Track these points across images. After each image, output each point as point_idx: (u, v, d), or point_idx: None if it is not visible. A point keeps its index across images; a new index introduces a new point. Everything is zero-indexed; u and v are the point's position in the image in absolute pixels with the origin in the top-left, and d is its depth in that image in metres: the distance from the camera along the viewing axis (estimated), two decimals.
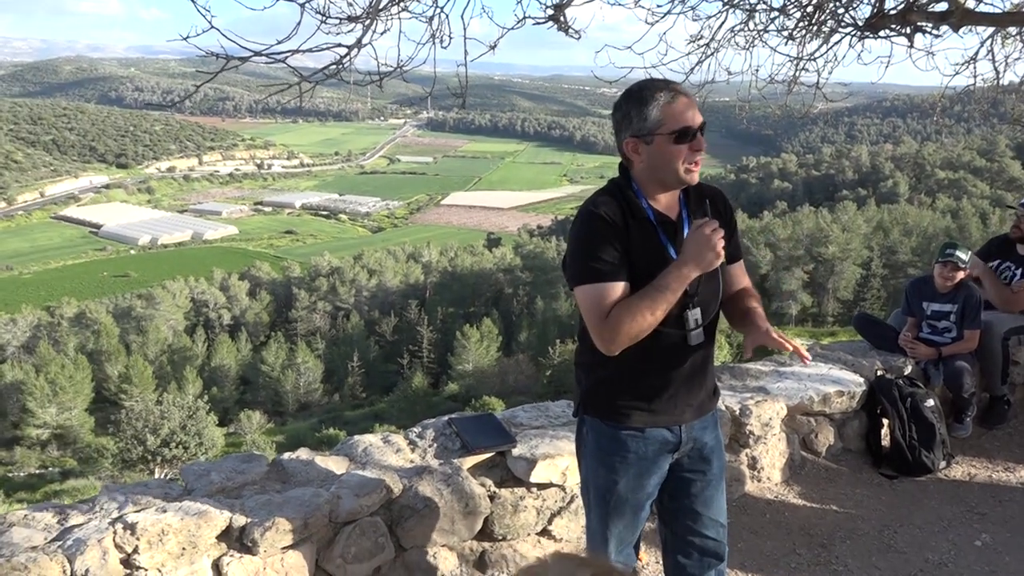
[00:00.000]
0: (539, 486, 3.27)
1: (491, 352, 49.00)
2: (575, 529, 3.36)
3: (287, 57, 3.44)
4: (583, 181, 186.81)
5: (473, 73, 15.15)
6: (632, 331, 2.00)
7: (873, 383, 4.50)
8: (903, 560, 3.44)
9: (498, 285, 69.14)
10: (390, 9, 3.69)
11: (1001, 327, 4.84)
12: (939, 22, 4.38)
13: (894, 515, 3.84)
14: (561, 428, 3.52)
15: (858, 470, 4.33)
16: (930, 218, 66.16)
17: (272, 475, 3.09)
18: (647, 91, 2.06)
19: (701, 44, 5.15)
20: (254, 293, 69.81)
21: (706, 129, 2.07)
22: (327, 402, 50.01)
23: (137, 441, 25.78)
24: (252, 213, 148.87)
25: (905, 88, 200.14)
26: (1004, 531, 3.71)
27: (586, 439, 2.31)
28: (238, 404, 47.72)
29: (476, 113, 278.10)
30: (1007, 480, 4.28)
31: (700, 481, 2.31)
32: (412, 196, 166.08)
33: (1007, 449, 4.67)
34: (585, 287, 2.06)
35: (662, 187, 2.12)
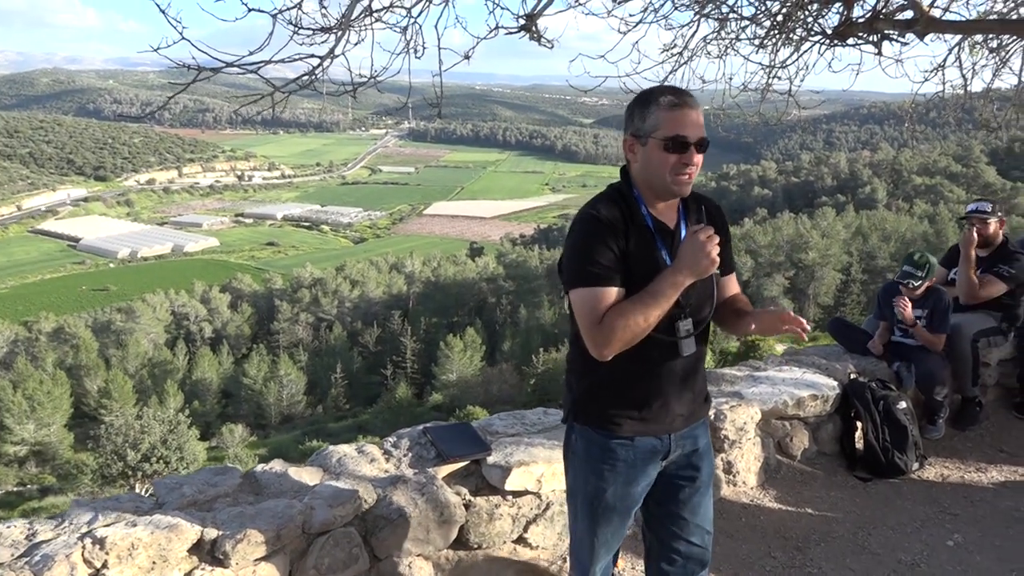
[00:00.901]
0: (514, 494, 3.27)
1: (475, 362, 48.93)
2: (551, 536, 3.37)
3: (260, 68, 3.44)
4: (565, 190, 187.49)
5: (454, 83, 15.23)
6: (625, 336, 1.99)
7: (846, 386, 4.54)
8: (876, 561, 3.47)
9: (481, 294, 69.12)
10: (363, 20, 3.70)
11: (970, 329, 4.91)
12: (905, 30, 4.45)
13: (868, 517, 3.88)
14: (536, 435, 3.53)
15: (832, 473, 4.37)
16: (908, 223, 66.92)
17: (245, 487, 3.07)
18: (654, 94, 2.06)
19: (674, 53, 5.20)
20: (235, 305, 69.32)
21: (706, 147, 2.04)
22: (310, 414, 49.70)
23: (117, 456, 25.46)
24: (233, 225, 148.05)
25: (881, 95, 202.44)
26: (975, 531, 3.75)
27: (575, 447, 2.30)
28: (220, 418, 47.30)
29: (457, 123, 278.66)
30: (978, 480, 4.33)
31: (688, 487, 2.31)
32: (394, 206, 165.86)
33: (979, 450, 4.73)
34: (580, 290, 2.05)
35: (655, 193, 2.11)
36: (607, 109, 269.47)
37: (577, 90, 4.63)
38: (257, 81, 3.72)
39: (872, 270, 59.00)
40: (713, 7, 5.06)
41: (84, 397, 44.41)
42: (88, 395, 44.43)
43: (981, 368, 5.10)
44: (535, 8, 4.05)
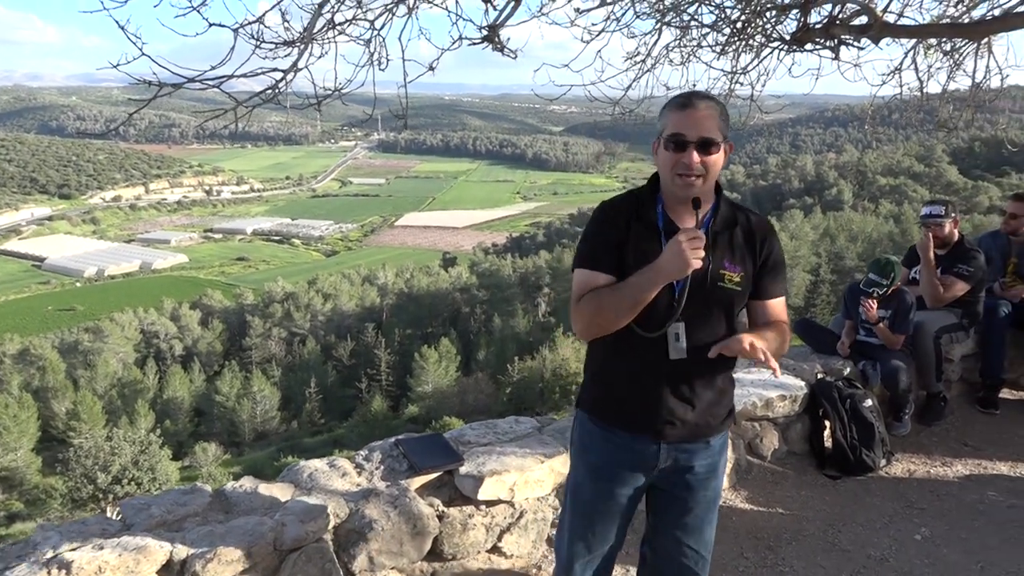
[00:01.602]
0: (487, 503, 3.27)
1: (450, 372, 48.81)
2: (525, 545, 3.37)
3: (222, 82, 3.43)
4: (537, 198, 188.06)
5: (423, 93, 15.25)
6: (596, 319, 2.07)
7: (814, 386, 4.61)
8: (846, 558, 3.51)
9: (455, 304, 69.00)
10: (326, 33, 3.70)
11: (933, 326, 5.01)
12: (860, 35, 4.55)
13: (838, 514, 3.93)
14: (509, 444, 3.53)
15: (803, 472, 4.42)
16: (874, 223, 68.07)
17: (215, 506, 3.04)
18: (676, 97, 2.11)
19: (638, 61, 5.27)
20: (206, 322, 68.45)
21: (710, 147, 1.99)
22: (285, 430, 49.19)
23: (87, 479, 25.01)
24: (202, 240, 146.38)
25: (845, 99, 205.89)
26: (942, 524, 3.82)
27: (573, 435, 2.39)
28: (193, 436, 46.65)
29: (427, 133, 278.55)
30: (944, 475, 4.41)
31: (682, 507, 2.27)
32: (365, 218, 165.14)
33: (944, 444, 4.82)
34: (577, 271, 2.15)
35: (671, 195, 2.11)
36: (576, 117, 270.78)
37: (543, 99, 4.68)
38: (223, 96, 3.71)
39: (840, 270, 59.87)
40: (674, 15, 5.13)
41: (52, 420, 43.53)
42: (56, 418, 43.56)
43: (944, 364, 5.21)
44: (497, 19, 4.08)
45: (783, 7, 4.87)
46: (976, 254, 5.09)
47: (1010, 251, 5.60)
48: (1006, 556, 3.52)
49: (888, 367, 4.73)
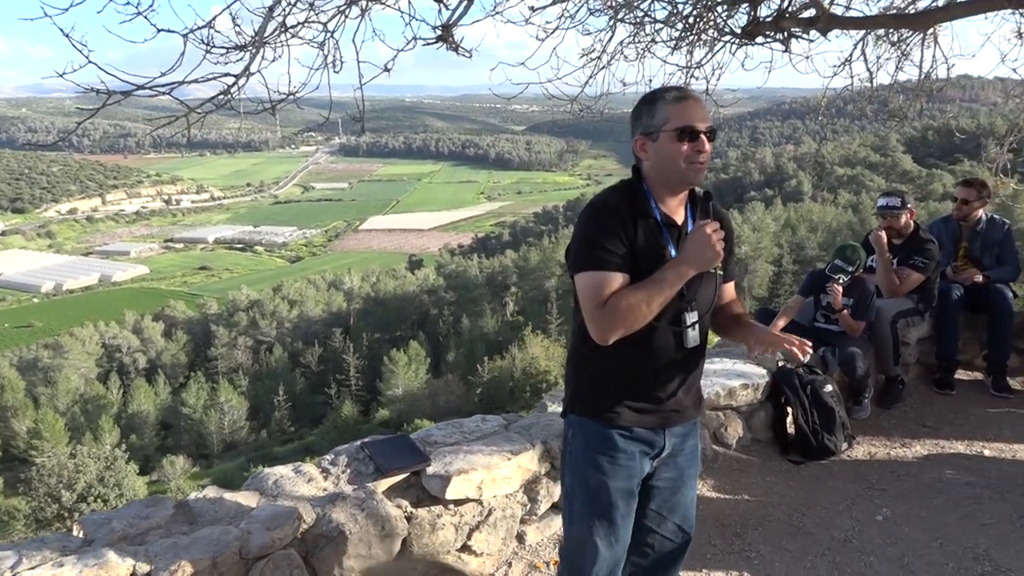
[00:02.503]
0: (456, 502, 3.27)
1: (420, 375, 48.68)
2: (495, 542, 3.37)
3: (173, 89, 3.38)
4: (501, 198, 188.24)
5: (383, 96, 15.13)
6: (627, 321, 2.01)
7: (775, 374, 4.68)
8: (811, 540, 3.58)
9: (423, 307, 68.80)
10: (278, 37, 3.66)
11: (889, 312, 5.12)
12: (808, 27, 4.64)
13: (802, 498, 4.00)
14: (475, 443, 3.54)
15: (767, 459, 4.49)
16: (833, 214, 69.32)
17: (179, 517, 2.99)
18: (659, 92, 2.12)
19: (593, 57, 5.30)
20: (170, 333, 67.42)
21: (715, 135, 2.09)
22: (254, 440, 48.68)
23: (51, 499, 24.45)
24: (163, 251, 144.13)
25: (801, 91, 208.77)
26: (902, 504, 3.91)
27: (572, 441, 2.28)
28: (160, 450, 45.96)
29: (389, 136, 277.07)
30: (904, 455, 4.51)
31: (672, 490, 2.32)
32: (329, 223, 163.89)
33: (903, 426, 4.93)
34: (586, 274, 2.06)
35: (668, 186, 2.13)
36: (538, 116, 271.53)
37: (500, 98, 4.69)
38: (177, 103, 3.65)
39: (802, 260, 60.85)
40: (627, 11, 5.18)
41: (12, 439, 42.60)
42: (17, 437, 42.61)
43: (901, 348, 5.33)
44: (450, 19, 4.07)
45: (733, 1, 4.94)
46: (931, 245, 5.21)
47: (960, 236, 5.75)
48: (963, 532, 3.62)
49: (846, 353, 4.82)
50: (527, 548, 3.51)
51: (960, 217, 5.70)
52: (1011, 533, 3.60)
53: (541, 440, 3.59)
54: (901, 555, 3.44)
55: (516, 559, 3.45)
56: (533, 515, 3.57)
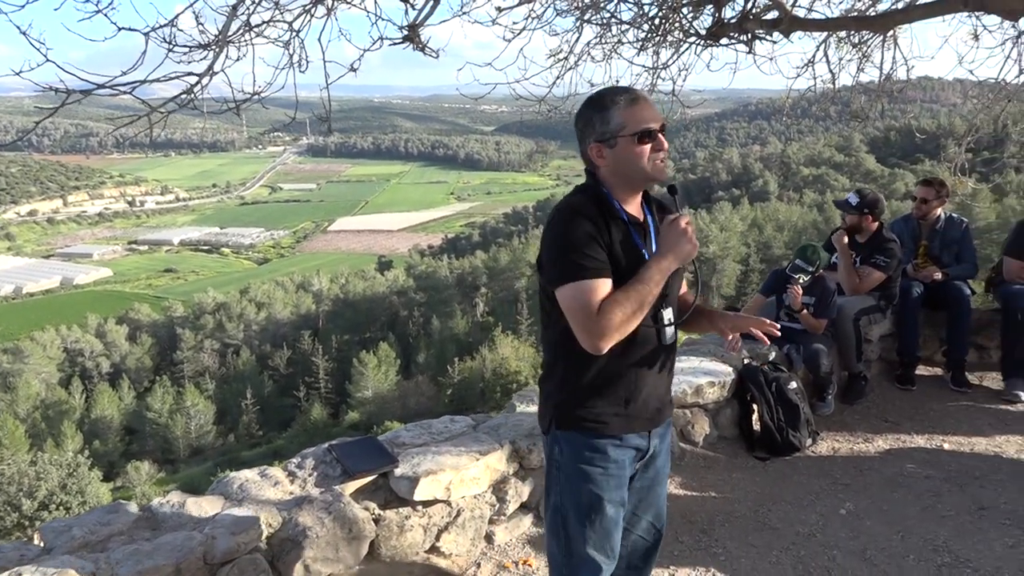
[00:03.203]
0: (424, 503, 3.26)
1: (390, 376, 48.45)
2: (463, 543, 3.37)
3: (135, 88, 3.32)
4: (470, 198, 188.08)
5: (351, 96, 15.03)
6: (623, 326, 1.99)
7: (741, 371, 4.74)
8: (776, 535, 3.63)
9: (393, 308, 68.48)
10: (242, 36, 3.62)
11: (852, 309, 5.21)
12: (771, 29, 4.70)
13: (767, 494, 4.05)
14: (444, 444, 3.53)
15: (734, 455, 4.54)
16: (799, 213, 70.36)
17: (141, 523, 2.95)
18: (607, 97, 2.09)
19: (561, 58, 5.32)
20: (134, 337, 66.33)
21: (667, 130, 2.12)
22: (221, 444, 48.07)
23: (11, 507, 23.88)
24: (127, 253, 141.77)
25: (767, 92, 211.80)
26: (865, 498, 3.98)
27: (559, 458, 2.21)
28: (124, 456, 45.21)
29: (358, 136, 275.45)
30: (866, 451, 4.59)
31: (648, 487, 2.32)
32: (297, 224, 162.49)
33: (866, 422, 5.01)
34: (572, 285, 2.00)
35: (630, 188, 2.13)
36: (507, 116, 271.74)
37: (469, 99, 4.68)
38: (140, 102, 3.59)
39: (769, 259, 61.67)
40: (593, 12, 5.21)
41: None
42: None
43: (864, 345, 5.42)
44: (417, 19, 4.06)
45: (698, 3, 4.99)
46: (893, 244, 5.31)
47: (920, 234, 5.87)
48: (923, 524, 3.69)
49: (810, 350, 4.90)
50: (496, 548, 3.51)
51: (920, 216, 5.82)
52: (969, 525, 3.68)
53: (510, 440, 3.59)
54: (864, 548, 3.50)
55: (485, 559, 3.45)
56: (502, 515, 3.57)
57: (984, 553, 3.43)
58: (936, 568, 3.33)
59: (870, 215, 5.31)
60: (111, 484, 34.83)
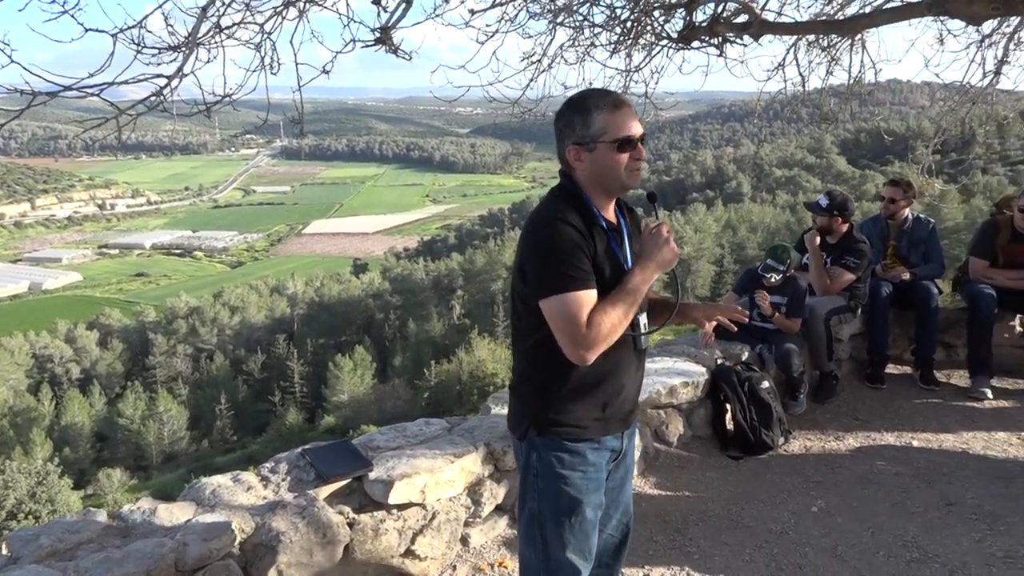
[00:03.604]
0: (399, 507, 3.25)
1: (366, 380, 48.22)
2: (439, 546, 3.36)
3: (103, 90, 3.28)
4: (446, 200, 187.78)
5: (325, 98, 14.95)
6: (611, 336, 1.99)
7: (714, 371, 4.78)
8: (750, 534, 3.66)
9: (368, 311, 68.15)
10: (212, 37, 3.59)
11: (823, 309, 5.28)
12: (742, 32, 4.76)
13: (741, 493, 4.09)
14: (419, 447, 3.52)
15: (707, 455, 4.58)
16: (772, 214, 71.13)
17: (111, 531, 2.91)
18: (590, 100, 2.08)
19: (534, 61, 5.33)
20: (105, 342, 65.33)
21: (647, 139, 2.12)
22: (195, 450, 47.55)
23: None
24: (97, 257, 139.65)
25: (740, 94, 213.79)
26: (836, 495, 4.03)
27: (537, 464, 2.19)
28: (96, 463, 44.53)
29: (332, 139, 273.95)
30: (838, 448, 4.65)
31: (619, 486, 2.35)
32: (271, 227, 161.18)
33: (837, 420, 5.08)
34: (559, 297, 1.98)
35: (605, 194, 2.13)
36: (482, 118, 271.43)
37: (442, 100, 4.68)
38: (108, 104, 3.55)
39: (743, 260, 62.26)
40: (566, 15, 5.23)
41: None
42: None
43: (835, 344, 5.50)
44: (389, 21, 4.05)
45: (669, 6, 5.04)
46: (863, 245, 5.39)
47: (889, 234, 5.96)
48: (893, 520, 3.75)
49: (782, 350, 4.95)
50: (471, 551, 3.51)
51: (888, 216, 5.90)
52: (937, 520, 3.74)
53: (484, 442, 3.59)
54: (835, 545, 3.54)
55: (460, 562, 3.44)
56: (477, 517, 3.57)
57: (952, 548, 3.49)
58: (905, 563, 3.38)
59: (840, 216, 5.38)
60: (82, 492, 34.36)
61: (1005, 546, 3.50)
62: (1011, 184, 58.35)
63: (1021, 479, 4.17)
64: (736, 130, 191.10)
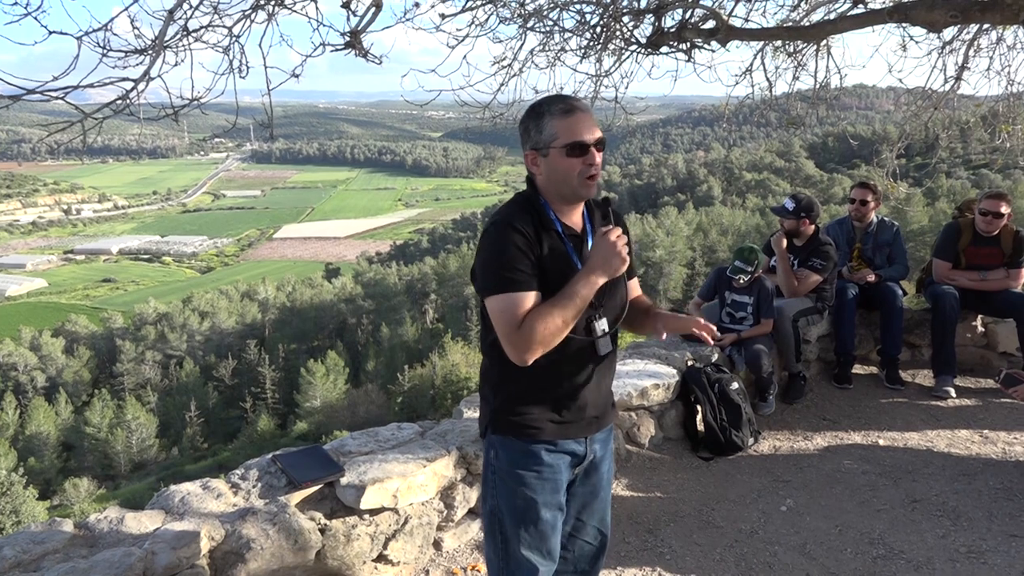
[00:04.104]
0: (371, 512, 3.24)
1: (339, 385, 47.86)
2: (411, 551, 3.36)
3: (67, 93, 3.24)
4: (419, 204, 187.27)
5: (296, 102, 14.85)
6: (545, 339, 1.99)
7: (685, 373, 4.82)
8: (720, 533, 3.70)
9: (341, 316, 67.69)
10: (180, 40, 3.56)
11: (791, 311, 5.35)
12: (709, 38, 4.82)
13: (711, 493, 4.13)
14: (391, 451, 3.51)
15: (679, 456, 4.62)
16: (742, 217, 71.84)
17: (78, 541, 2.86)
18: (544, 106, 2.09)
19: (504, 65, 5.36)
20: (71, 350, 64.16)
21: (604, 145, 2.10)
22: (165, 458, 46.83)
23: None
24: (62, 263, 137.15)
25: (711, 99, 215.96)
26: (805, 494, 4.09)
27: (496, 462, 2.23)
28: (62, 473, 43.72)
29: (303, 142, 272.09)
30: (806, 448, 4.72)
31: (593, 494, 2.34)
32: (242, 232, 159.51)
33: (805, 420, 5.15)
34: (498, 297, 2.02)
35: (563, 199, 2.13)
36: (454, 122, 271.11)
37: (413, 104, 4.68)
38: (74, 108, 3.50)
39: (714, 262, 62.69)
40: (536, 20, 5.26)
41: None
42: None
43: (803, 345, 5.57)
44: (359, 25, 4.05)
45: (638, 12, 5.09)
46: (829, 247, 5.48)
47: (855, 237, 6.06)
48: (860, 518, 3.81)
49: (751, 352, 5.01)
50: (444, 555, 3.51)
51: (858, 217, 6.01)
52: (903, 517, 3.81)
53: (457, 446, 3.59)
54: (804, 543, 3.59)
55: (433, 566, 3.44)
56: (450, 521, 3.57)
57: (917, 544, 3.56)
58: (872, 560, 3.44)
59: (806, 219, 5.46)
60: (48, 502, 33.70)
61: (968, 541, 3.57)
62: (974, 187, 59.58)
63: (983, 476, 4.26)
64: (707, 134, 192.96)
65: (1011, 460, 4.47)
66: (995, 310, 5.84)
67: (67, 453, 47.99)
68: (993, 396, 5.45)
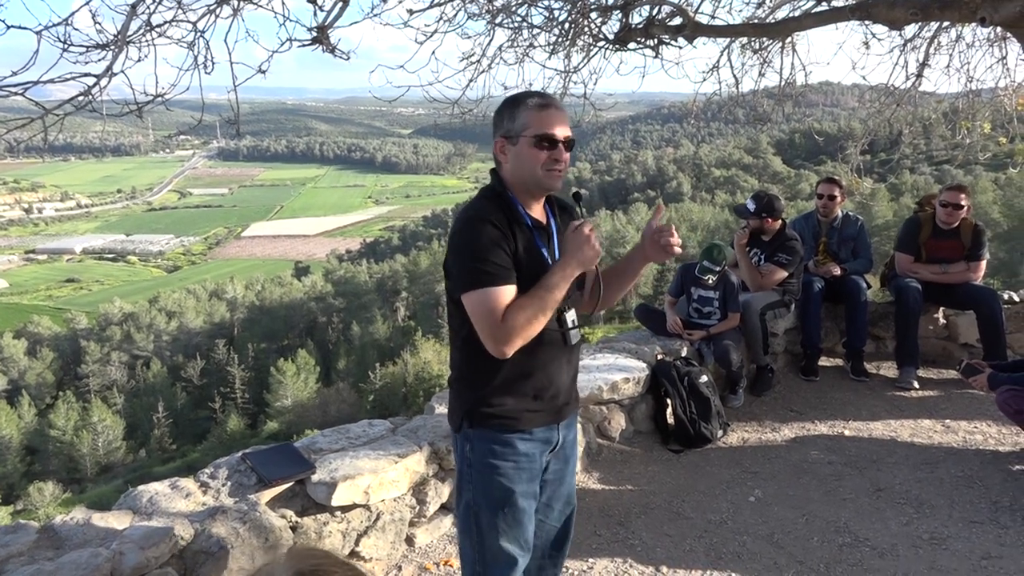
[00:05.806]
0: (342, 508, 3.23)
1: (310, 384, 47.55)
2: (384, 547, 3.36)
3: (27, 89, 3.18)
4: (389, 202, 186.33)
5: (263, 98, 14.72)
6: (527, 331, 2.04)
7: (655, 367, 4.87)
8: (690, 525, 3.75)
9: (311, 314, 67.19)
10: (143, 35, 3.51)
11: (758, 304, 5.43)
12: (676, 34, 4.87)
13: (682, 485, 4.18)
14: (362, 448, 3.50)
15: (649, 449, 4.66)
16: (711, 213, 72.52)
17: (43, 543, 2.82)
18: (521, 97, 2.15)
19: (473, 61, 5.35)
20: (34, 351, 62.89)
21: (572, 145, 2.15)
22: (132, 460, 46.16)
23: None
24: (23, 263, 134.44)
25: (679, 95, 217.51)
26: (773, 485, 4.15)
27: (471, 456, 2.25)
28: (26, 477, 42.88)
29: (271, 139, 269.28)
30: (774, 439, 4.79)
31: (558, 478, 2.38)
32: (209, 230, 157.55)
33: (773, 412, 5.23)
34: (477, 292, 2.05)
35: (527, 191, 2.17)
36: (424, 119, 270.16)
37: (382, 101, 4.66)
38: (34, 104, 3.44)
39: (685, 259, 63.08)
40: (505, 16, 5.26)
41: None
42: None
43: (770, 338, 5.65)
44: (325, 20, 4.02)
45: (606, 8, 5.12)
46: (795, 242, 5.56)
47: (820, 232, 6.16)
48: (826, 507, 3.88)
49: (720, 346, 5.08)
50: (417, 550, 3.51)
51: (824, 212, 6.10)
52: (867, 506, 3.89)
53: (428, 442, 3.60)
54: (771, 532, 3.65)
55: (406, 562, 3.44)
56: (422, 517, 3.57)
57: (881, 532, 3.64)
58: (838, 548, 3.51)
59: (769, 217, 5.54)
60: (11, 508, 33.08)
61: (931, 528, 3.66)
62: (937, 183, 60.72)
63: (945, 464, 4.36)
64: (676, 131, 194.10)
65: (971, 449, 4.58)
66: (956, 302, 5.97)
67: (31, 457, 47.10)
68: (955, 387, 5.57)
